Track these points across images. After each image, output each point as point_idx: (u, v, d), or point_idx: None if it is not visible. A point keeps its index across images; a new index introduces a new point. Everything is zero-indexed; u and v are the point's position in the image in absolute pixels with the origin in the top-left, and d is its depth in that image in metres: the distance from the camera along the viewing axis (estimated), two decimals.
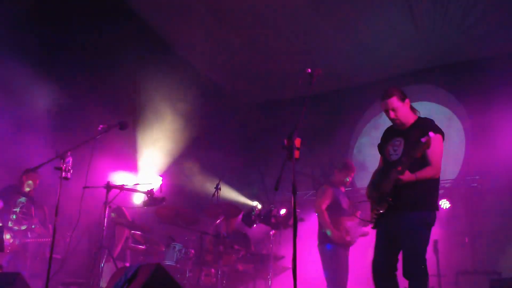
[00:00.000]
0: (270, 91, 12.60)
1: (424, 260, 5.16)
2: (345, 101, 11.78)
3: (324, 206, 7.69)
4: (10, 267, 8.10)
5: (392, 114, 5.48)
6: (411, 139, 5.27)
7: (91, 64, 9.40)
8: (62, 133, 8.55)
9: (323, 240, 7.59)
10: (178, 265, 7.63)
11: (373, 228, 5.57)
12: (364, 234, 7.64)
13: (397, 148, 5.45)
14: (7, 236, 8.25)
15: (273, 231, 8.04)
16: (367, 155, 11.46)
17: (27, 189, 8.88)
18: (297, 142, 4.90)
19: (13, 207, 8.63)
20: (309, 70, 4.94)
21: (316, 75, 4.97)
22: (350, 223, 7.55)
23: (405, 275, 5.20)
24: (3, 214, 8.51)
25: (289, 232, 8.13)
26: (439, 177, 5.38)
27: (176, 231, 8.42)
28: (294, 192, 4.84)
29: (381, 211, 5.31)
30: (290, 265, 8.13)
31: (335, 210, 7.66)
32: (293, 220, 4.83)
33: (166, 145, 10.78)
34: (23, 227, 8.62)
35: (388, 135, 5.72)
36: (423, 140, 4.92)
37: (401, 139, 5.47)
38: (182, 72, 11.08)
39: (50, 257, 5.29)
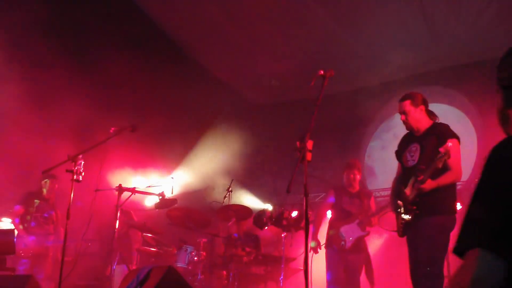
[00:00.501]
0: (281, 93, 12.58)
1: (441, 264, 5.15)
2: (356, 103, 11.73)
3: (324, 210, 7.97)
4: (31, 270, 8.17)
5: (402, 117, 5.55)
6: (427, 147, 5.31)
7: (106, 67, 9.42)
8: (75, 136, 8.57)
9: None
10: (189, 268, 7.62)
11: (400, 236, 5.56)
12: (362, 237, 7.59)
13: (414, 154, 5.49)
14: (29, 239, 8.41)
15: (285, 233, 8.01)
16: (377, 158, 11.45)
17: (45, 194, 8.96)
18: (309, 144, 4.89)
19: (33, 212, 8.72)
20: (322, 72, 4.94)
21: (329, 77, 4.97)
22: (345, 227, 7.52)
23: (414, 277, 5.20)
24: (24, 219, 8.61)
25: (300, 234, 8.16)
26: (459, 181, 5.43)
27: (187, 234, 8.43)
28: (306, 194, 4.83)
29: (406, 220, 5.31)
30: (301, 267, 8.19)
31: (335, 211, 7.79)
32: (305, 223, 4.81)
33: (177, 147, 10.79)
34: (43, 231, 8.71)
35: (405, 142, 5.77)
36: (441, 150, 4.94)
37: (417, 145, 5.51)
38: (193, 73, 11.09)
39: (62, 260, 5.32)
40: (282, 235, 8.04)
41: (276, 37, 10.69)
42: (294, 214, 8.23)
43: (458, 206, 9.38)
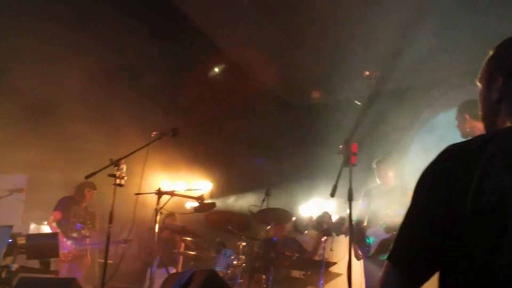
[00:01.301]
0: (322, 94, 12.47)
1: None
2: (398, 104, 11.58)
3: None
4: (69, 273, 8.30)
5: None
6: None
7: (146, 72, 9.50)
8: (116, 140, 8.64)
9: None
10: (228, 271, 7.61)
11: None
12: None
13: None
14: (68, 242, 8.56)
15: (325, 237, 7.95)
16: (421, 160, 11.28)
17: (82, 200, 9.12)
18: (354, 147, 4.86)
19: (71, 217, 8.87)
20: (368, 73, 4.90)
21: (375, 77, 4.93)
22: (370, 230, 7.21)
23: None
24: (61, 223, 8.77)
25: (341, 239, 8.11)
26: None
27: (226, 237, 8.43)
28: (350, 199, 4.80)
29: None
30: (342, 272, 8.11)
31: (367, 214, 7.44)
32: (349, 227, 4.77)
33: (216, 151, 10.82)
34: (81, 235, 8.85)
35: None
36: None
37: None
38: (232, 76, 11.10)
39: (105, 263, 5.35)
40: (323, 239, 7.99)
41: (317, 37, 10.60)
42: (335, 218, 8.17)
43: None
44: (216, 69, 10.98)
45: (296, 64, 11.23)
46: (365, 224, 7.27)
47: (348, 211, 4.92)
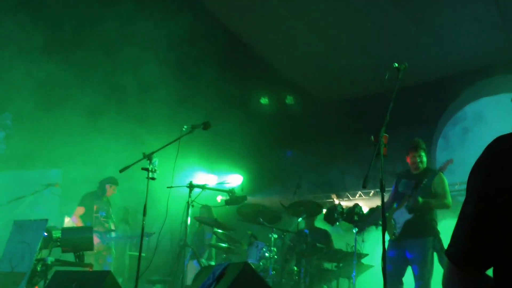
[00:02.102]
0: (349, 88, 12.42)
1: None
2: (426, 96, 11.47)
3: (388, 200, 7.20)
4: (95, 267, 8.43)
5: None
6: None
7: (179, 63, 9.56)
8: (148, 135, 8.73)
9: None
10: (260, 264, 7.63)
11: None
12: None
13: None
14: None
15: (357, 229, 7.92)
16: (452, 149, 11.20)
17: (105, 195, 9.26)
18: (385, 138, 4.82)
19: (94, 212, 9.01)
20: (396, 65, 4.86)
21: (403, 70, 4.89)
22: (397, 212, 6.92)
23: None
24: (85, 218, 8.91)
25: (372, 230, 8.07)
26: None
27: (258, 230, 8.45)
28: (382, 189, 4.76)
29: None
30: (373, 263, 8.08)
31: (393, 198, 7.21)
32: (382, 218, 4.74)
33: (247, 145, 10.83)
34: (103, 229, 8.98)
35: None
36: None
37: None
38: (260, 71, 11.10)
39: (139, 256, 5.41)
40: (354, 230, 7.96)
41: (345, 30, 10.56)
42: (366, 209, 8.15)
43: None
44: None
45: (324, 57, 11.19)
46: (394, 206, 7.09)
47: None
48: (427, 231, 6.72)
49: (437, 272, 6.48)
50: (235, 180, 9.79)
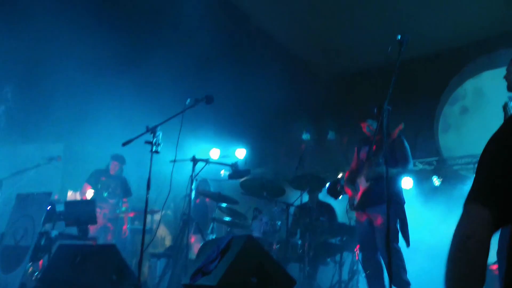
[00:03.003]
0: (349, 62, 12.31)
1: None
2: (428, 69, 11.38)
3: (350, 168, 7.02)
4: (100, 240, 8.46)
5: None
6: None
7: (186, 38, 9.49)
8: (152, 107, 8.65)
9: None
10: (265, 237, 7.64)
11: None
12: None
13: None
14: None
15: None
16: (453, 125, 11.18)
17: (109, 171, 9.27)
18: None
19: (101, 189, 9.03)
20: (399, 37, 4.79)
21: (406, 42, 4.81)
22: (358, 180, 6.59)
23: None
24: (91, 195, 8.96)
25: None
26: None
27: (261, 203, 8.44)
28: (386, 164, 4.73)
29: None
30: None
31: (355, 166, 6.87)
32: (386, 192, 4.72)
33: (250, 118, 10.78)
34: (107, 205, 9.01)
35: None
36: None
37: None
38: (262, 45, 11.00)
39: (143, 230, 5.40)
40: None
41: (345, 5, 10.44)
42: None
43: None
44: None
45: (326, 31, 11.08)
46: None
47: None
48: (389, 197, 6.35)
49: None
50: (239, 154, 9.73)
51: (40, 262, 6.85)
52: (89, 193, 8.99)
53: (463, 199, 1.77)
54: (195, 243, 8.45)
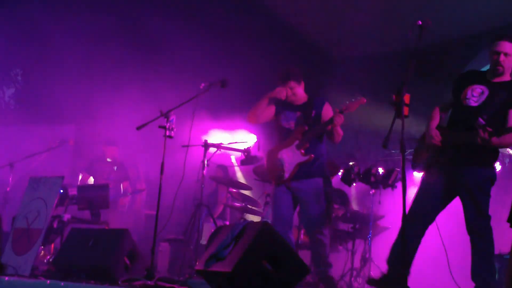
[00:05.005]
0: (366, 45, 12.15)
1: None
2: (446, 55, 11.24)
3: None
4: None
5: (501, 57, 5.08)
6: (496, 97, 4.96)
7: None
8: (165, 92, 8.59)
9: None
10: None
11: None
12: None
13: (477, 95, 5.14)
14: None
15: (373, 190, 7.85)
16: None
17: (104, 156, 9.23)
18: (406, 98, 4.71)
19: (100, 176, 8.99)
20: (420, 22, 4.70)
21: (426, 27, 4.73)
22: (283, 151, 6.06)
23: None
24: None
25: (388, 192, 7.99)
26: None
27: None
28: (402, 150, 4.66)
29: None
30: (389, 225, 8.03)
31: (275, 133, 6.48)
32: (402, 179, 4.65)
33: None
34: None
35: (468, 79, 5.36)
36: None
37: (484, 88, 5.13)
38: (270, 27, 10.88)
39: (157, 214, 5.38)
40: (371, 192, 7.90)
41: None
42: (381, 170, 8.06)
43: None
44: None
45: (342, 13, 10.92)
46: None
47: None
48: (318, 171, 6.01)
49: None
50: (251, 139, 9.66)
51: (52, 246, 6.86)
52: (90, 181, 8.98)
53: None
54: (206, 229, 8.42)
